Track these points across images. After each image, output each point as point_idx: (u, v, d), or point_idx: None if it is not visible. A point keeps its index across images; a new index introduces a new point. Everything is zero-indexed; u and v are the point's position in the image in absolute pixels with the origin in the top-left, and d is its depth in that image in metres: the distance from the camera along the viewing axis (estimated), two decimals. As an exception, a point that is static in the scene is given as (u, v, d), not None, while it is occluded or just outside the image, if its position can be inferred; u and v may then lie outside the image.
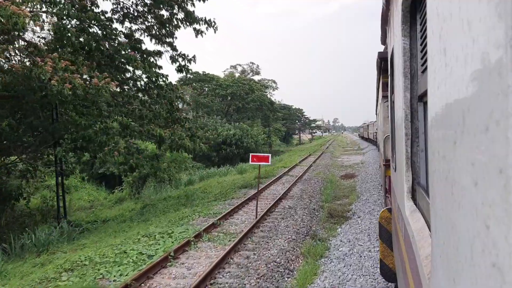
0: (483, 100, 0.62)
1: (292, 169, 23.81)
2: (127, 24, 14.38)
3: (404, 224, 2.29)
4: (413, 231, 1.80)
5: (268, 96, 65.96)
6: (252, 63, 65.27)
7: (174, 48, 14.53)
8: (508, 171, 0.52)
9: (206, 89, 47.35)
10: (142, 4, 13.88)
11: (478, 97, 0.64)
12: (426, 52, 1.54)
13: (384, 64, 6.83)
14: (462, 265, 0.74)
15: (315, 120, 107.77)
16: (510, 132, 0.51)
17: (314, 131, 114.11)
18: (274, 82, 68.08)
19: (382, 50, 6.49)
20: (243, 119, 50.12)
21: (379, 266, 4.91)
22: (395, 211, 3.58)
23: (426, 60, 1.56)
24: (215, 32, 14.25)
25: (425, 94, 1.85)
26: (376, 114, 17.80)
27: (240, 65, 64.02)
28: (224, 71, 61.13)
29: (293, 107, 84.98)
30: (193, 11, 13.81)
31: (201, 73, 49.29)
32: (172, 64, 14.22)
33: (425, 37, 1.57)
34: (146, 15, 14.12)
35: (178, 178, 23.24)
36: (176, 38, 14.83)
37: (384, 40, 4.66)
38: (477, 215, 0.64)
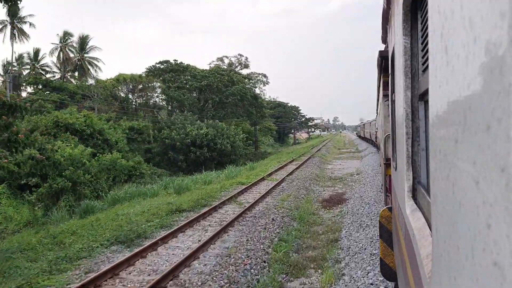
0: (484, 98, 0.61)
1: (252, 186, 16.09)
2: None
3: (405, 223, 2.29)
4: (413, 230, 1.80)
5: (258, 91, 59.70)
6: (241, 55, 58.36)
7: None
8: (509, 170, 0.52)
9: (179, 81, 41.16)
10: None
11: (480, 96, 0.64)
12: (427, 51, 1.54)
13: (384, 63, 6.82)
14: (463, 264, 0.74)
15: (312, 119, 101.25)
16: (511, 131, 0.51)
17: (313, 130, 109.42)
18: (265, 76, 61.42)
19: (382, 49, 6.48)
20: (225, 116, 43.15)
21: (379, 265, 4.91)
22: (395, 210, 3.58)
23: (427, 59, 1.56)
24: None
25: (426, 92, 1.85)
26: (377, 113, 17.58)
27: (227, 57, 57.15)
28: (210, 63, 55.30)
29: (289, 105, 79.07)
30: None
31: (173, 62, 42.27)
32: None
33: (426, 36, 1.57)
34: None
35: (113, 192, 16.87)
36: None
37: (385, 39, 4.65)
38: (478, 214, 0.64)
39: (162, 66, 41.95)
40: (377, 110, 17.02)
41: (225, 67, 53.91)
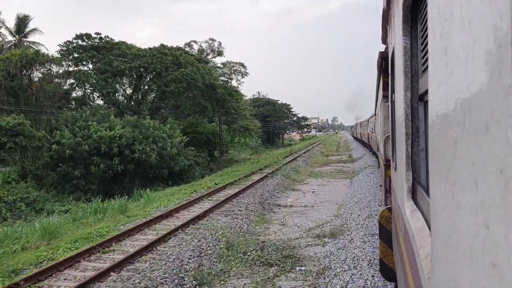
0: (483, 100, 0.62)
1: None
2: None
3: (404, 224, 2.29)
4: (413, 231, 1.80)
5: (235, 83, 50.25)
6: (213, 39, 49.53)
7: None
8: (508, 171, 0.52)
9: (102, 61, 30.28)
10: None
11: (479, 97, 0.64)
12: (427, 52, 1.54)
13: (384, 64, 6.81)
14: (462, 264, 0.74)
15: (305, 118, 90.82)
16: (510, 132, 0.51)
17: (308, 130, 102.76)
18: (243, 65, 52.69)
19: (383, 50, 6.48)
20: (173, 111, 32.97)
21: (379, 265, 4.91)
22: (395, 210, 3.58)
23: (427, 60, 1.56)
24: None
25: (425, 93, 1.86)
26: (375, 114, 17.28)
27: (196, 42, 48.58)
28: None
29: (279, 102, 70.69)
30: None
31: (96, 36, 31.03)
32: None
33: (426, 37, 1.57)
34: None
35: None
36: None
37: (385, 40, 4.65)
38: (477, 214, 0.64)
39: (83, 43, 30.88)
40: (375, 111, 16.93)
41: (195, 53, 44.03)
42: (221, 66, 51.05)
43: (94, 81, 27.85)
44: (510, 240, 0.50)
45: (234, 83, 51.27)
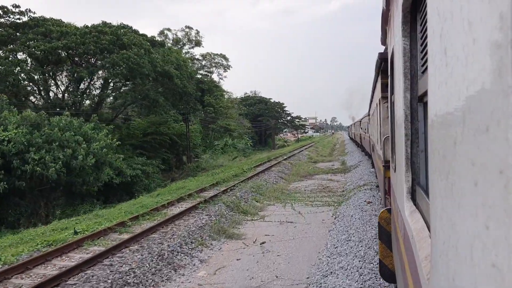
0: (483, 100, 0.62)
1: None
2: None
3: (404, 225, 2.30)
4: (412, 232, 1.80)
5: (216, 77, 46.24)
6: (190, 27, 43.88)
7: None
8: (508, 172, 0.52)
9: (19, 41, 23.42)
10: None
11: (479, 97, 0.64)
12: (426, 53, 1.54)
13: (384, 65, 6.82)
14: (462, 265, 0.74)
15: (299, 117, 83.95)
16: (510, 132, 0.51)
17: (306, 130, 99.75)
18: (224, 58, 47.92)
19: (382, 51, 6.49)
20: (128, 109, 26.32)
21: (378, 266, 4.91)
22: (394, 211, 3.59)
23: (426, 61, 1.57)
24: None
25: (425, 94, 1.86)
26: (369, 114, 16.28)
27: (170, 30, 43.77)
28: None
29: (272, 100, 65.00)
30: None
31: (15, 10, 24.09)
32: None
33: (426, 38, 1.57)
34: None
35: None
36: None
37: (384, 41, 4.66)
38: (477, 215, 0.64)
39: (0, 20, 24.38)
40: (369, 111, 16.63)
41: (170, 44, 39.69)
42: (200, 58, 47.11)
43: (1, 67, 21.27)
44: (510, 240, 0.50)
45: (215, 77, 47.14)
